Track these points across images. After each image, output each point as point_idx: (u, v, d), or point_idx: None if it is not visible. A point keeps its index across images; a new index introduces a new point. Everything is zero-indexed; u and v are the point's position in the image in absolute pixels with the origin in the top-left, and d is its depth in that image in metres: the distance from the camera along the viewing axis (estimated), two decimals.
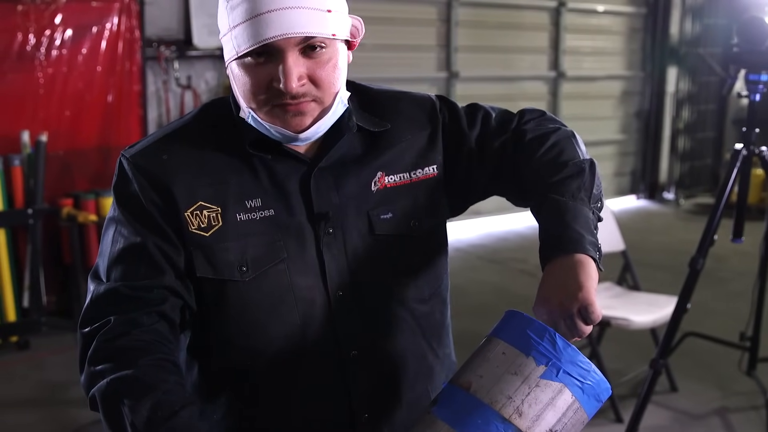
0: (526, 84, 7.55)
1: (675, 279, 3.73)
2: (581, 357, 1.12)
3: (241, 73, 1.20)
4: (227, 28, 1.19)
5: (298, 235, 1.27)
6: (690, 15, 8.43)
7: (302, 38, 1.16)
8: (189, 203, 1.23)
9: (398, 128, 1.36)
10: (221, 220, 1.24)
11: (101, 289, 1.22)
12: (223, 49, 1.24)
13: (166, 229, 1.23)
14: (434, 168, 1.37)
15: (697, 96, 8.64)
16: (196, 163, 1.25)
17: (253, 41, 1.15)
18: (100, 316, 1.18)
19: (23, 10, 4.52)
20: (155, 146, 1.27)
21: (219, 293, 1.25)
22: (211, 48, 5.37)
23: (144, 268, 1.21)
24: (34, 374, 4.06)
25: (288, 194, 1.27)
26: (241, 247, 1.24)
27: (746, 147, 3.02)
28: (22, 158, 4.37)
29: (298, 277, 1.27)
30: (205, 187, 1.24)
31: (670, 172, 8.68)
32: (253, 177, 1.26)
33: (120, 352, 1.15)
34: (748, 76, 2.97)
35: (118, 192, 1.26)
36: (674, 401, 3.71)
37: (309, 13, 1.16)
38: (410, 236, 1.34)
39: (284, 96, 1.18)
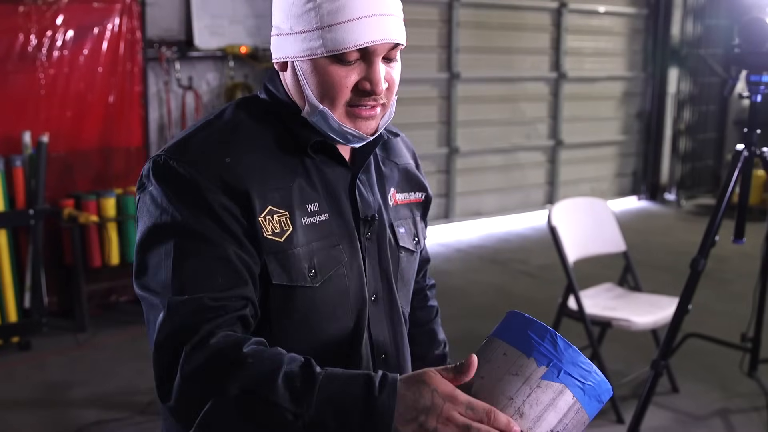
0: (527, 85, 7.55)
1: (676, 280, 3.73)
2: (582, 358, 1.12)
3: (322, 71, 1.20)
4: (312, 26, 1.18)
5: (350, 239, 1.29)
6: (691, 16, 8.43)
7: (393, 44, 1.21)
8: (262, 208, 1.20)
9: (401, 149, 1.47)
10: (291, 224, 1.22)
11: (178, 302, 1.11)
12: (284, 46, 1.23)
13: (241, 236, 1.18)
14: (422, 195, 1.48)
15: (698, 97, 8.64)
16: (259, 165, 1.22)
17: (355, 43, 1.17)
18: (185, 330, 1.10)
19: (25, 10, 4.52)
20: (212, 147, 1.21)
21: (287, 300, 1.23)
22: (212, 49, 5.37)
23: (225, 276, 1.15)
24: (35, 375, 4.06)
25: (338, 197, 1.29)
26: (309, 252, 1.23)
27: (747, 148, 3.02)
28: (23, 159, 4.37)
29: (353, 280, 1.29)
30: (273, 191, 1.22)
31: (672, 173, 8.68)
32: (308, 180, 1.26)
33: (220, 353, 1.08)
34: (750, 77, 2.96)
35: (177, 197, 1.17)
36: (675, 402, 3.70)
37: (397, 21, 1.22)
38: (414, 252, 1.44)
39: (367, 98, 1.22)
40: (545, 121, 7.78)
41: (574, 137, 7.91)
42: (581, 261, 3.74)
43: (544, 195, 7.89)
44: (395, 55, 1.25)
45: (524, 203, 7.69)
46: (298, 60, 1.22)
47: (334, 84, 1.20)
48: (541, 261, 6.05)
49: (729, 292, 5.21)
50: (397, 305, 1.36)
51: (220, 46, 5.40)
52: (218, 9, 5.41)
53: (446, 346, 1.62)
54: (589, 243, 3.82)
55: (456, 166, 7.12)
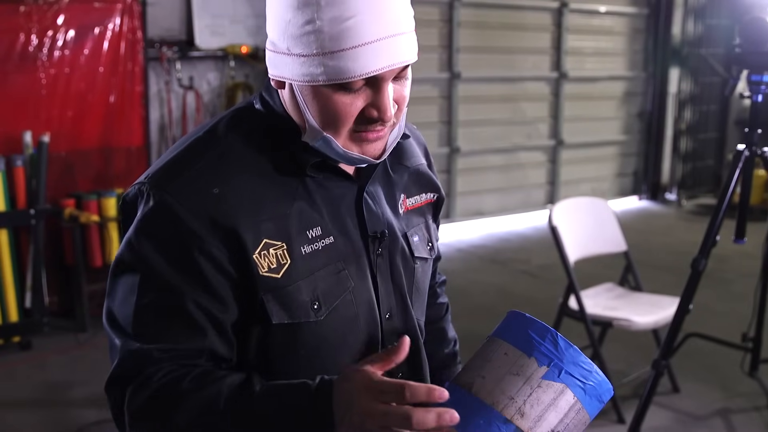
0: (528, 85, 7.54)
1: (677, 280, 3.72)
2: (583, 358, 1.12)
3: (324, 100, 1.10)
4: (312, 50, 1.06)
5: (357, 259, 1.21)
6: (692, 16, 8.42)
7: (402, 66, 1.11)
8: (255, 244, 1.10)
9: (413, 149, 1.37)
10: (289, 256, 1.13)
11: (130, 350, 1.09)
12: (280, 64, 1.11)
13: (214, 281, 1.09)
14: (434, 195, 1.41)
15: (699, 97, 8.64)
16: (251, 193, 1.12)
17: (361, 72, 1.06)
18: (131, 375, 1.09)
19: (26, 10, 4.52)
20: (198, 175, 1.11)
21: (291, 337, 1.15)
22: (213, 49, 5.37)
23: (181, 329, 1.09)
24: (36, 374, 4.06)
25: (343, 216, 1.20)
26: (311, 283, 1.15)
27: (748, 148, 3.02)
28: (24, 159, 4.38)
29: (362, 305, 1.21)
30: (266, 221, 1.12)
31: (672, 172, 8.68)
32: (309, 202, 1.17)
33: (160, 390, 1.07)
34: (751, 76, 2.96)
35: (152, 234, 1.10)
36: (676, 402, 3.70)
37: (408, 39, 1.12)
38: (429, 259, 1.36)
39: (374, 123, 1.12)
40: (546, 120, 7.78)
41: (575, 137, 7.91)
42: (582, 261, 3.74)
43: (544, 195, 7.88)
44: (406, 72, 1.14)
45: (525, 203, 7.69)
46: (296, 83, 1.12)
47: (338, 112, 1.10)
48: (541, 261, 6.05)
49: (730, 292, 5.21)
50: (412, 319, 1.30)
51: (220, 45, 5.40)
52: (219, 9, 5.41)
53: (456, 344, 1.57)
54: (590, 243, 3.82)
55: (457, 165, 7.12)
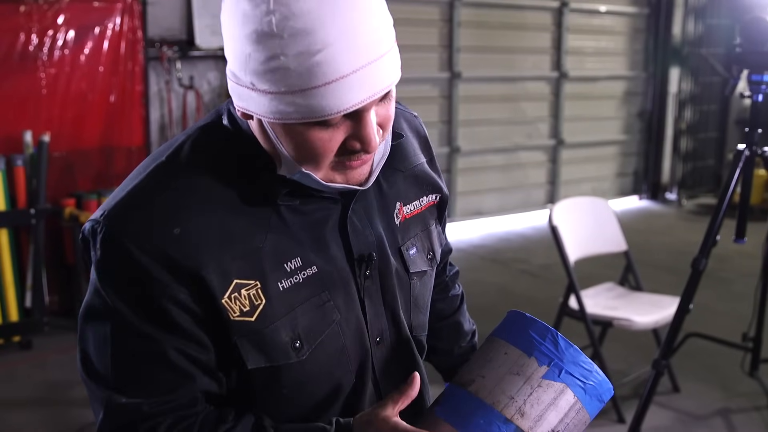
0: (528, 84, 7.54)
1: (677, 279, 3.72)
2: (583, 357, 1.13)
3: (300, 136, 0.98)
4: (282, 88, 0.93)
5: (345, 286, 1.11)
6: (693, 15, 8.42)
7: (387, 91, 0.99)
8: (224, 286, 1.00)
9: (408, 149, 1.25)
10: (263, 296, 1.03)
11: (116, 405, 1.01)
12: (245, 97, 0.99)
13: (188, 326, 1.00)
14: (436, 197, 1.29)
15: (699, 96, 8.64)
16: (217, 230, 1.01)
17: (338, 108, 0.94)
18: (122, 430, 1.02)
19: (26, 10, 4.52)
20: (157, 213, 1.00)
21: (271, 379, 1.07)
22: (213, 48, 5.37)
23: (167, 378, 1.01)
24: (36, 374, 4.06)
25: (326, 241, 1.09)
26: (291, 321, 1.05)
27: (749, 147, 3.02)
28: (24, 158, 4.38)
29: (350, 335, 1.12)
30: (237, 259, 1.01)
31: (673, 172, 8.67)
32: (285, 231, 1.06)
33: None
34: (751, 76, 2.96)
35: (114, 280, 0.99)
36: (676, 402, 3.70)
37: (389, 59, 0.97)
38: (428, 270, 1.26)
39: (357, 154, 1.01)
40: (546, 120, 7.78)
41: (575, 137, 7.91)
42: (582, 260, 3.74)
43: (545, 194, 7.88)
44: (391, 92, 1.02)
45: (525, 203, 7.69)
46: (265, 120, 0.99)
47: (315, 149, 0.99)
48: (542, 260, 6.05)
49: (730, 292, 5.21)
50: (407, 340, 1.22)
51: (221, 45, 5.38)
52: (219, 8, 5.38)
53: (475, 336, 1.49)
54: (590, 242, 3.82)
55: (457, 165, 7.12)
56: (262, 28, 0.92)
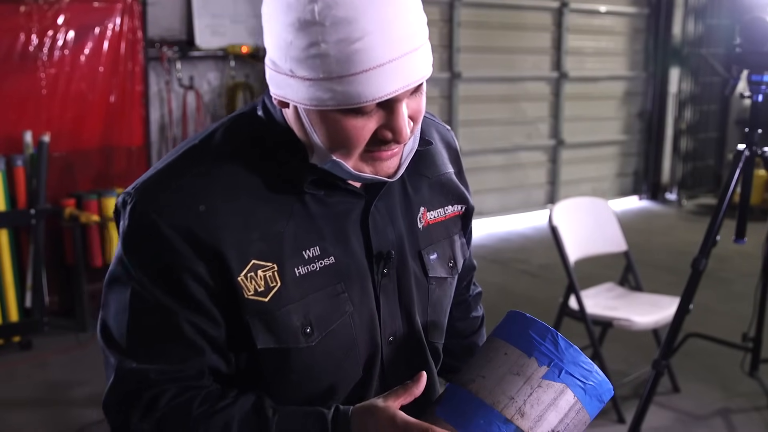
0: (528, 84, 7.54)
1: (677, 280, 3.72)
2: (583, 357, 1.13)
3: (333, 124, 1.02)
4: (317, 74, 0.97)
5: (361, 280, 1.14)
6: (693, 15, 8.42)
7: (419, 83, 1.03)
8: (242, 265, 1.04)
9: (436, 158, 1.27)
10: (279, 279, 1.06)
11: (126, 369, 1.05)
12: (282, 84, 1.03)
13: (203, 300, 1.05)
14: (462, 207, 1.31)
15: (699, 96, 8.64)
16: (241, 212, 1.05)
17: (373, 96, 0.97)
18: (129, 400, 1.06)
19: (26, 10, 4.52)
20: (186, 191, 1.04)
21: (279, 362, 1.10)
22: (213, 48, 5.37)
23: (177, 348, 1.05)
24: (36, 374, 4.06)
25: (347, 234, 1.12)
26: (303, 307, 1.08)
27: (749, 148, 3.02)
28: (24, 158, 4.38)
29: (362, 328, 1.15)
30: (257, 241, 1.05)
31: (673, 172, 8.67)
32: (307, 219, 1.09)
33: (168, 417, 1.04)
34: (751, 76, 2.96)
35: (137, 250, 1.05)
36: (676, 402, 3.70)
37: (423, 53, 1.01)
38: (448, 278, 1.27)
39: (388, 144, 1.05)
40: (546, 120, 7.78)
41: (576, 137, 7.91)
42: (582, 261, 3.74)
43: (545, 194, 7.88)
44: (422, 86, 1.06)
45: (525, 203, 7.69)
46: (302, 107, 1.03)
47: (349, 137, 1.02)
48: (542, 260, 6.05)
49: (730, 292, 5.21)
50: (420, 343, 1.24)
51: (221, 45, 5.40)
52: (219, 8, 5.41)
53: None
54: (590, 243, 3.82)
55: None
56: (304, 16, 0.96)
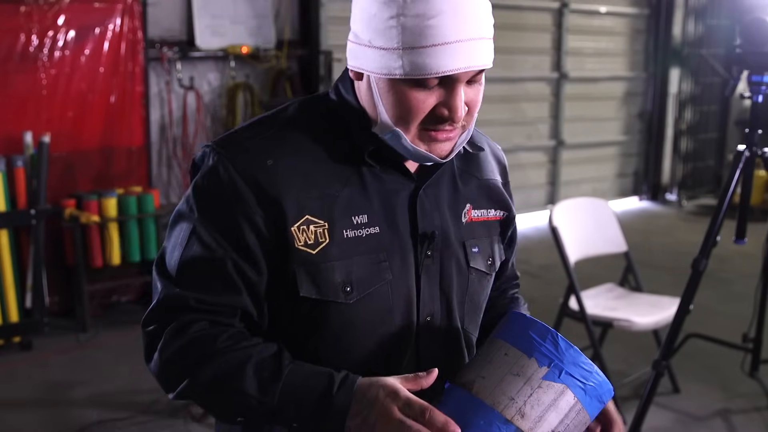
0: (528, 85, 7.54)
1: (677, 280, 3.72)
2: (583, 358, 1.13)
3: (399, 94, 1.13)
4: (394, 44, 1.10)
5: (402, 255, 1.21)
6: (693, 16, 8.42)
7: (478, 70, 1.14)
8: (296, 217, 1.15)
9: (486, 164, 1.37)
10: (328, 236, 1.16)
11: (169, 294, 1.16)
12: (361, 57, 1.15)
13: (252, 246, 1.15)
14: (503, 214, 1.38)
15: (699, 97, 8.64)
16: (303, 171, 1.17)
17: (437, 70, 1.09)
18: (166, 320, 1.16)
19: (26, 11, 4.52)
20: (258, 146, 1.18)
21: (319, 314, 1.18)
22: (213, 49, 5.37)
23: (218, 283, 1.15)
24: (36, 375, 4.06)
25: (395, 210, 1.21)
26: (346, 266, 1.17)
27: (749, 148, 3.02)
28: (24, 159, 4.38)
29: (399, 299, 1.21)
30: (313, 199, 1.16)
31: (673, 173, 8.67)
32: (361, 189, 1.20)
33: (195, 342, 1.13)
34: (751, 77, 2.96)
35: (205, 191, 1.17)
36: (677, 402, 3.70)
37: (487, 44, 1.15)
38: (488, 274, 1.34)
39: (443, 123, 1.15)
40: (546, 121, 7.78)
41: (576, 137, 7.91)
42: (582, 261, 3.74)
43: (545, 195, 7.88)
44: (480, 77, 1.17)
45: (525, 203, 7.68)
46: (373, 75, 1.15)
47: (410, 107, 1.13)
48: (542, 261, 6.05)
49: (730, 293, 5.21)
50: (456, 330, 1.29)
51: (221, 46, 5.40)
52: (219, 9, 5.41)
53: None
54: (591, 243, 3.82)
55: None
56: None
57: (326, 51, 5.74)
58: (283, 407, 1.10)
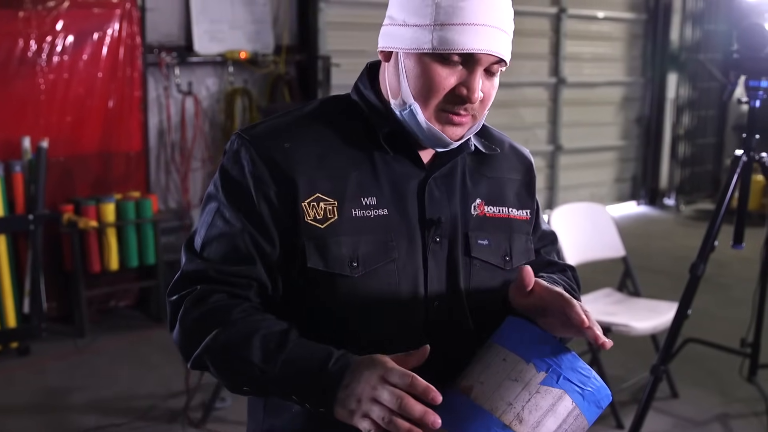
0: (526, 90, 7.55)
1: (676, 285, 3.73)
2: (581, 363, 1.13)
3: (424, 68, 1.21)
4: (428, 21, 1.20)
5: (410, 238, 1.28)
6: (690, 21, 8.44)
7: (496, 59, 1.22)
8: (307, 194, 1.24)
9: (501, 164, 1.42)
10: (337, 213, 1.24)
11: (191, 266, 1.26)
12: (395, 36, 1.24)
13: (267, 220, 1.24)
14: (528, 213, 1.42)
15: (697, 102, 8.65)
16: (317, 154, 1.26)
17: (462, 46, 1.18)
18: (187, 290, 1.24)
19: (25, 16, 4.53)
20: (278, 132, 1.29)
21: (327, 288, 1.25)
22: (211, 54, 5.38)
23: (234, 255, 1.24)
24: (34, 380, 4.05)
25: (404, 196, 1.29)
26: (353, 243, 1.24)
27: (746, 153, 3.02)
28: (23, 164, 4.38)
29: (405, 280, 1.27)
30: (325, 179, 1.25)
31: (671, 177, 8.68)
32: (371, 173, 1.28)
33: (212, 311, 1.21)
34: (748, 82, 2.97)
35: (228, 173, 1.27)
36: (675, 407, 3.70)
37: (506, 38, 1.23)
38: (501, 268, 1.36)
39: (459, 104, 1.22)
40: (544, 126, 7.79)
41: (574, 142, 7.92)
42: (580, 266, 3.71)
43: (543, 200, 7.88)
44: (497, 72, 1.25)
45: None
46: (402, 51, 1.24)
47: (433, 82, 1.21)
48: None
49: (728, 297, 5.21)
50: (464, 317, 1.31)
51: (219, 51, 5.41)
52: (218, 14, 5.42)
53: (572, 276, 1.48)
54: (589, 248, 3.82)
55: None
56: None
57: (324, 56, 5.74)
58: (283, 377, 1.15)
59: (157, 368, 4.11)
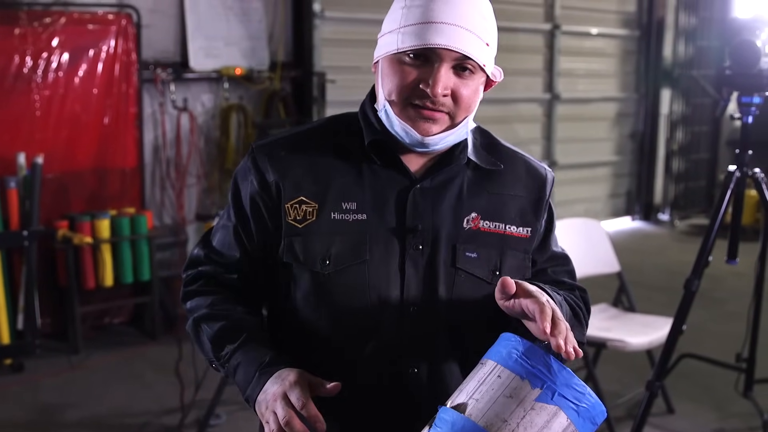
0: (520, 106, 7.58)
1: (670, 300, 3.73)
2: (576, 379, 1.13)
3: (392, 68, 1.30)
4: (396, 26, 1.29)
5: (386, 242, 1.34)
6: (683, 37, 8.49)
7: (460, 55, 1.26)
8: (292, 197, 1.35)
9: (506, 180, 1.42)
10: (316, 215, 1.34)
11: (195, 252, 1.48)
12: (378, 46, 1.33)
13: (250, 219, 1.39)
14: (528, 231, 1.42)
15: (691, 117, 8.69)
16: (307, 164, 1.37)
17: (420, 42, 1.26)
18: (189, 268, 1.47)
19: (21, 32, 4.54)
20: (280, 142, 1.41)
21: (302, 281, 1.36)
22: (207, 70, 5.39)
23: (226, 244, 1.43)
24: (28, 397, 4.03)
25: (385, 203, 1.35)
26: (327, 242, 1.33)
27: (740, 168, 3.04)
28: (18, 180, 4.37)
29: (378, 281, 1.33)
30: (311, 184, 1.35)
31: (665, 193, 8.70)
32: (356, 180, 1.35)
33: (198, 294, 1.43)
34: (741, 98, 2.99)
35: (235, 177, 1.44)
36: (671, 423, 3.69)
37: (472, 38, 1.27)
38: (488, 282, 1.36)
39: (425, 99, 1.28)
40: (539, 142, 7.81)
41: (568, 158, 7.94)
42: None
43: None
44: (471, 73, 1.29)
45: None
46: (381, 58, 1.32)
47: (397, 78, 1.28)
48: None
49: (723, 312, 5.22)
50: (441, 328, 1.35)
51: (215, 67, 5.42)
52: (213, 31, 5.43)
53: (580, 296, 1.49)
54: (583, 264, 3.81)
55: None
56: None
57: (319, 72, 5.76)
58: (232, 367, 1.33)
59: (152, 385, 4.09)
